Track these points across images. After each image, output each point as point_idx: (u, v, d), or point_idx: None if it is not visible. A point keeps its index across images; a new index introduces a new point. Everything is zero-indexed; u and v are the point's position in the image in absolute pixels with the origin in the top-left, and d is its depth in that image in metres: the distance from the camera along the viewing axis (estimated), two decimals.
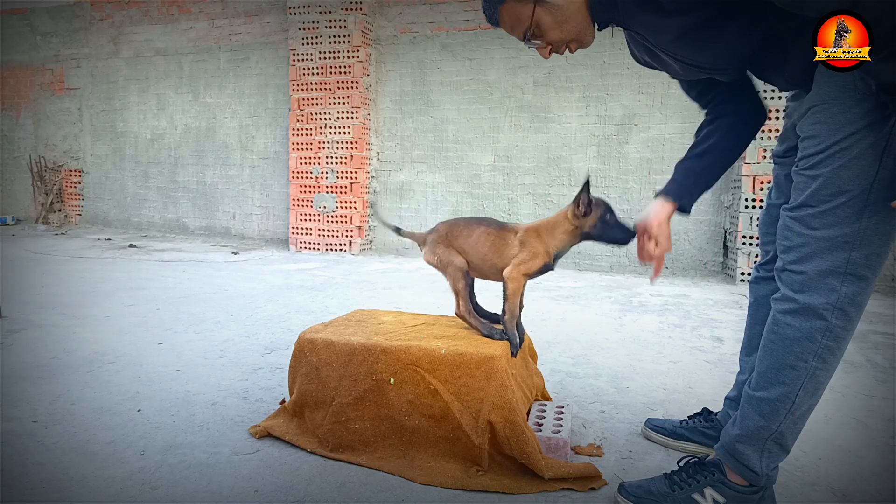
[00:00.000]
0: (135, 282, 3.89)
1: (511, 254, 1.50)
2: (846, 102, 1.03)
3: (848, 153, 1.03)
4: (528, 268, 1.47)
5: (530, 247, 1.48)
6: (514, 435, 1.36)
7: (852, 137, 1.03)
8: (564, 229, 1.49)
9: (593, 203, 1.46)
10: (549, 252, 1.49)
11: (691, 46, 1.19)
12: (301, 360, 1.57)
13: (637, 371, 2.23)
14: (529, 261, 1.47)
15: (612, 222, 1.46)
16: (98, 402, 1.79)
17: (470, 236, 1.55)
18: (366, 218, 5.77)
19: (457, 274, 1.54)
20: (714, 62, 1.23)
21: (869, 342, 2.71)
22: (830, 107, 1.05)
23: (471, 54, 5.39)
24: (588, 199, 1.44)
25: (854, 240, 1.06)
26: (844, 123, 1.03)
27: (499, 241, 1.52)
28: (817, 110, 1.08)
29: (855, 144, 1.02)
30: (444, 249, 1.56)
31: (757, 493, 1.20)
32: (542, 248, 1.48)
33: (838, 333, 1.09)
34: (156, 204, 7.12)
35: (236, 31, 6.43)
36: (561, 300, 3.57)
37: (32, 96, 7.76)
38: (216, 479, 1.35)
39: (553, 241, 1.49)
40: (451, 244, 1.56)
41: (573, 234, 1.49)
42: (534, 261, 1.47)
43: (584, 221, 1.46)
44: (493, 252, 1.52)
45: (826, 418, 1.77)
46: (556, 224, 1.50)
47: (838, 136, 1.04)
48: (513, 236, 1.51)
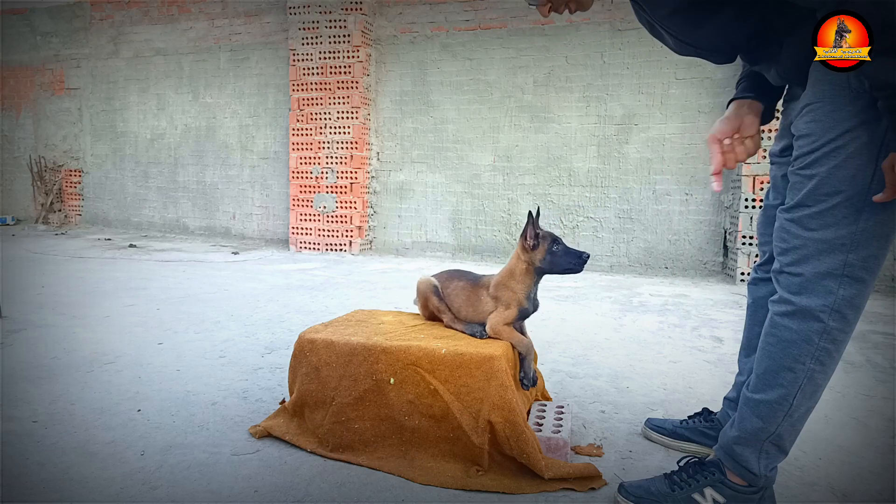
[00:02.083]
0: (135, 282, 3.89)
1: (486, 309, 1.59)
2: (840, 101, 1.03)
3: (843, 152, 1.02)
4: (504, 318, 1.55)
5: (503, 300, 1.57)
6: (514, 435, 1.36)
7: (847, 136, 1.02)
8: (521, 270, 1.56)
9: (540, 236, 1.53)
10: (519, 299, 1.56)
11: (685, 24, 1.20)
12: (301, 360, 1.57)
13: (637, 371, 2.23)
14: (505, 312, 1.55)
15: (561, 251, 1.52)
16: (98, 402, 1.79)
17: (448, 287, 1.66)
18: (366, 218, 5.77)
19: (430, 296, 1.65)
20: (706, 43, 1.24)
21: (869, 342, 2.71)
22: (825, 105, 1.05)
23: (471, 54, 5.39)
24: (535, 231, 1.51)
25: (851, 241, 1.05)
26: (838, 121, 1.03)
27: (473, 297, 1.61)
28: (812, 108, 1.08)
29: (850, 143, 1.01)
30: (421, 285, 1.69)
31: (757, 493, 1.19)
32: (513, 297, 1.56)
33: (836, 336, 1.09)
34: (156, 204, 7.12)
35: (236, 31, 6.43)
36: (561, 300, 3.57)
37: (32, 96, 7.76)
38: (216, 479, 1.35)
39: (518, 285, 1.56)
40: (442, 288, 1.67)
41: (530, 272, 1.56)
42: (509, 311, 1.55)
43: (534, 256, 1.53)
44: (468, 306, 1.61)
45: (826, 418, 1.77)
46: (514, 268, 1.57)
47: (832, 133, 1.04)
48: (485, 292, 1.60)
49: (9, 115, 7.98)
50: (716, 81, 4.63)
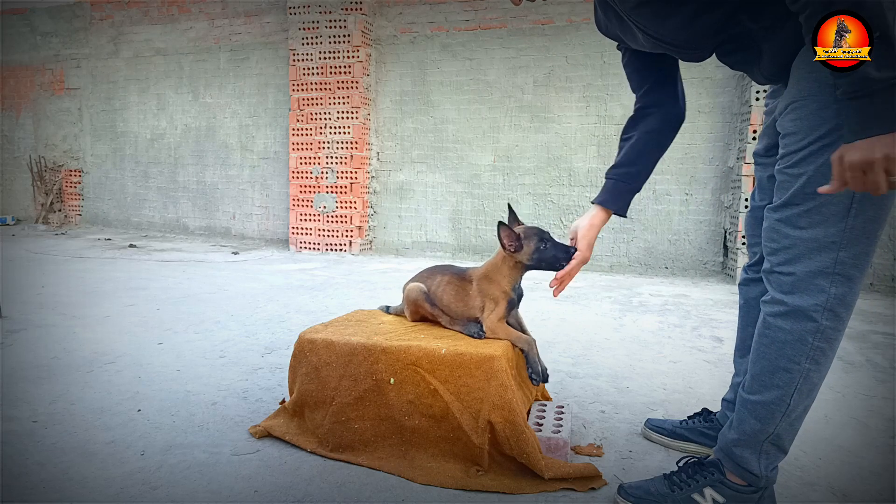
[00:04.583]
0: (135, 282, 3.89)
1: (474, 304, 1.57)
2: (825, 98, 1.02)
3: (830, 149, 1.01)
4: (497, 315, 1.54)
5: (489, 294, 1.55)
6: (514, 435, 1.36)
7: (834, 133, 1.02)
8: (508, 265, 1.55)
9: (522, 236, 1.51)
10: (506, 291, 1.55)
11: (652, 17, 1.20)
12: (301, 360, 1.57)
13: (637, 371, 2.23)
14: (495, 308, 1.54)
15: (549, 247, 1.50)
16: (98, 402, 1.79)
17: (432, 284, 1.64)
18: (366, 218, 5.77)
19: (422, 303, 1.63)
20: (672, 37, 1.23)
21: (869, 342, 2.71)
22: (810, 103, 1.05)
23: (471, 54, 5.39)
24: (513, 235, 1.49)
25: (841, 239, 1.05)
26: (825, 119, 1.03)
27: (461, 291, 1.60)
28: (797, 106, 1.07)
29: (837, 140, 1.00)
30: (409, 287, 1.68)
31: (756, 493, 1.19)
32: (498, 290, 1.55)
33: (829, 334, 1.09)
34: (156, 204, 7.12)
35: (236, 31, 6.43)
36: (561, 300, 3.57)
37: (32, 96, 7.76)
38: (216, 479, 1.35)
39: (504, 279, 1.55)
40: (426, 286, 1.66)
41: (517, 269, 1.55)
42: (498, 306, 1.54)
43: (521, 256, 1.51)
44: (456, 301, 1.60)
45: (826, 418, 1.77)
46: (500, 263, 1.56)
47: (819, 131, 1.03)
48: (471, 286, 1.58)
49: (9, 115, 7.98)
50: (716, 81, 4.62)
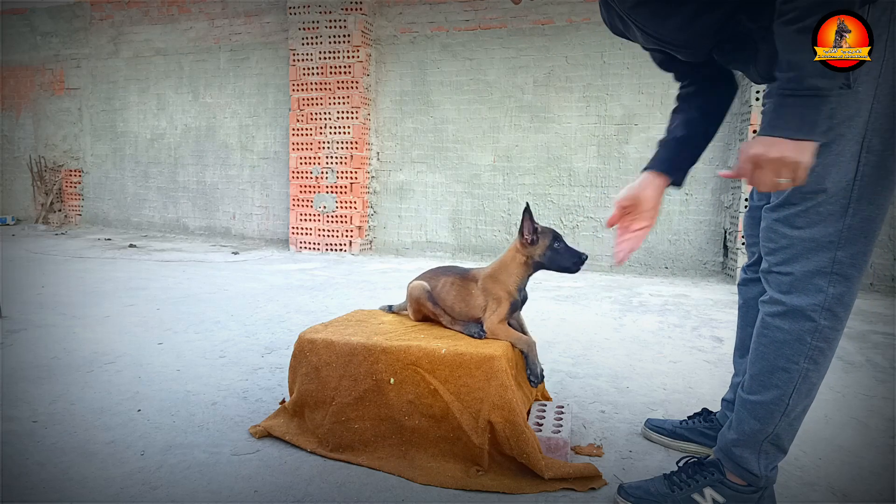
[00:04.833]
0: (135, 282, 3.89)
1: (477, 303, 1.56)
2: None
3: (825, 148, 1.02)
4: (499, 316, 1.53)
5: (493, 294, 1.55)
6: (514, 435, 1.36)
7: (829, 133, 1.02)
8: (517, 263, 1.54)
9: (539, 231, 1.51)
10: (510, 292, 1.55)
11: (651, 16, 1.19)
12: (301, 360, 1.57)
13: (637, 371, 2.23)
14: (497, 308, 1.53)
15: (562, 249, 1.50)
16: (98, 402, 1.79)
17: (437, 285, 1.64)
18: (366, 218, 5.77)
19: (425, 301, 1.63)
20: (672, 36, 1.23)
21: (869, 342, 2.71)
22: None
23: (471, 54, 5.39)
24: (532, 226, 1.49)
25: (839, 238, 1.05)
26: None
27: (464, 291, 1.59)
28: None
29: (833, 140, 1.01)
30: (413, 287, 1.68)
31: (756, 493, 1.19)
32: (503, 291, 1.54)
33: (827, 334, 1.09)
34: (156, 204, 7.12)
35: (236, 31, 6.43)
36: (561, 300, 3.57)
37: (32, 96, 7.76)
38: (216, 479, 1.35)
39: (510, 279, 1.55)
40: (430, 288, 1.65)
41: (526, 266, 1.54)
42: (501, 306, 1.54)
43: (534, 251, 1.52)
44: (459, 301, 1.59)
45: (826, 418, 1.77)
46: (509, 261, 1.55)
47: None
48: (475, 285, 1.58)
49: (9, 115, 7.98)
50: None
